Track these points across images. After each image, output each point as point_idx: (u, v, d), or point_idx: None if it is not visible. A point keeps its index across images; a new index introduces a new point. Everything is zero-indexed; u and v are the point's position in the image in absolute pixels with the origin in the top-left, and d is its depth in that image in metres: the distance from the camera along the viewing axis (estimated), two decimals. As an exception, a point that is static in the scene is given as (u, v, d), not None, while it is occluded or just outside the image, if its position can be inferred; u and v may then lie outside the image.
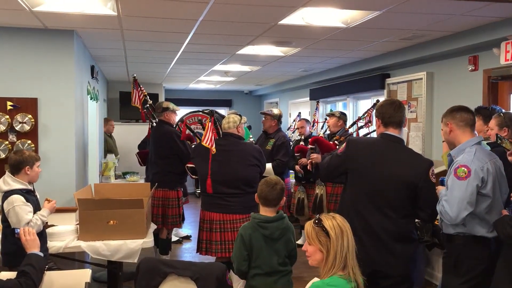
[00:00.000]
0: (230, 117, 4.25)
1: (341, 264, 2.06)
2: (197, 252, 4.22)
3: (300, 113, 7.77)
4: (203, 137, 3.93)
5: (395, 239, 2.82)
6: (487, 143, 3.37)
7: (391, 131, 2.91)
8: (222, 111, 11.19)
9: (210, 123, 3.94)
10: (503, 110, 3.79)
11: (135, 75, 5.76)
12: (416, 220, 3.49)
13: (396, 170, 2.81)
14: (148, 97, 5.70)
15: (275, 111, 5.85)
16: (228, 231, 4.01)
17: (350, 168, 2.97)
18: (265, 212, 2.95)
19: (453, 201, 2.69)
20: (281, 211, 3.01)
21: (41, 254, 2.80)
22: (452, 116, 2.89)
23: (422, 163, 2.85)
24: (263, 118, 5.84)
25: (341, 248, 2.07)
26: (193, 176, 4.82)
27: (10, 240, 3.21)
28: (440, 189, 2.90)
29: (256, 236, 2.88)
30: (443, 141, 3.38)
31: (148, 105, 5.64)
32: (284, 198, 3.04)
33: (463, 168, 2.70)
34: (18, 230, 2.89)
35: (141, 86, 5.68)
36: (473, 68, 4.75)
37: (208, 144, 3.88)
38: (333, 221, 2.12)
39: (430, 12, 3.91)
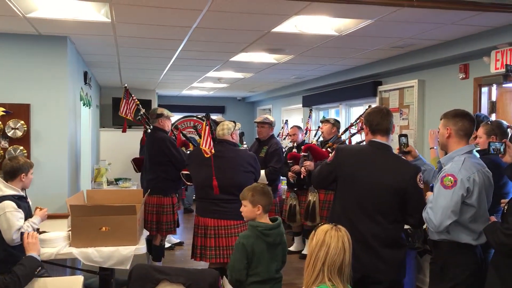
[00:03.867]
0: (224, 124, 4.26)
1: (312, 273, 2.06)
2: (191, 258, 4.22)
3: (287, 120, 7.78)
4: (201, 142, 3.94)
5: (384, 245, 2.84)
6: (476, 151, 3.41)
7: (379, 139, 2.95)
8: (214, 117, 11.20)
9: (207, 127, 3.95)
10: (489, 118, 3.84)
11: (126, 84, 5.76)
12: (408, 227, 3.52)
13: (384, 176, 2.84)
14: (140, 105, 5.71)
15: (270, 118, 5.87)
16: (222, 237, 4.01)
17: (340, 175, 3.00)
18: (265, 219, 2.98)
19: (437, 209, 2.71)
20: (279, 218, 3.05)
21: (38, 257, 2.87)
22: (454, 122, 2.85)
23: (410, 169, 2.88)
24: (260, 128, 5.75)
25: (315, 257, 2.07)
26: (188, 183, 4.82)
27: (0, 246, 3.20)
28: (429, 195, 2.92)
29: (258, 244, 2.89)
30: (430, 148, 3.40)
31: (141, 113, 5.65)
32: None
33: (449, 177, 2.71)
34: (24, 231, 2.94)
35: (133, 95, 5.68)
36: (464, 76, 4.80)
37: (208, 148, 3.89)
38: (325, 231, 2.11)
39: (421, 21, 3.96)
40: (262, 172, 4.94)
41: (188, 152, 5.34)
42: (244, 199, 3.02)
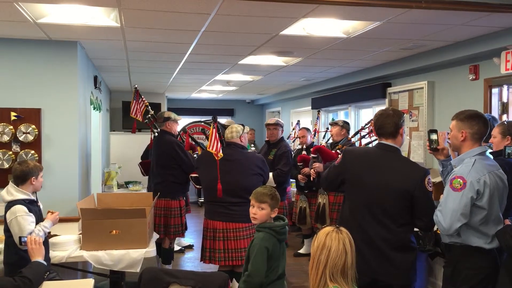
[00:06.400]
0: (233, 127, 4.28)
1: (316, 277, 2.06)
2: (201, 260, 4.23)
3: (299, 121, 7.74)
4: (208, 144, 3.96)
5: (393, 248, 2.82)
6: (490, 152, 3.37)
7: (385, 141, 2.92)
8: (223, 120, 11.23)
9: (214, 130, 3.96)
10: (497, 119, 3.80)
11: (136, 85, 5.79)
12: (418, 229, 3.48)
13: (392, 179, 2.81)
14: (149, 107, 5.74)
15: (281, 120, 5.87)
16: (231, 239, 4.02)
17: (347, 178, 2.99)
18: (271, 220, 3.00)
19: (446, 212, 2.69)
20: (279, 215, 3.07)
21: (44, 262, 2.88)
22: (470, 126, 2.80)
23: (418, 171, 2.83)
24: (272, 130, 5.69)
25: (317, 260, 2.07)
26: (197, 186, 4.82)
27: (12, 250, 3.23)
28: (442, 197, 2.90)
29: (275, 244, 2.91)
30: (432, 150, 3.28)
31: (149, 115, 5.68)
32: None
33: (458, 180, 2.69)
34: (26, 238, 2.97)
35: (142, 96, 5.71)
36: (474, 77, 4.77)
37: (214, 150, 3.90)
38: (326, 233, 2.12)
39: (430, 22, 3.94)
40: (270, 174, 4.94)
41: (195, 155, 5.35)
42: (263, 203, 2.96)
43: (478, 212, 2.70)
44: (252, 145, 8.28)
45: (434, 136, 3.01)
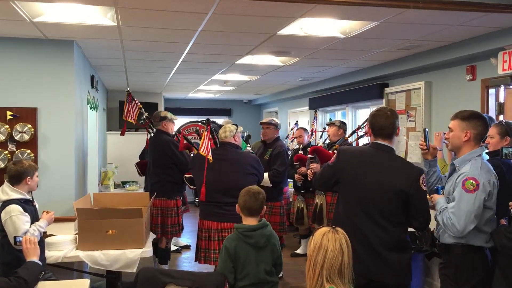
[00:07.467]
0: (226, 127, 4.29)
1: (313, 277, 2.05)
2: (195, 260, 4.22)
3: (297, 121, 7.74)
4: (200, 146, 3.96)
5: (389, 248, 2.81)
6: (486, 153, 3.37)
7: (381, 141, 2.91)
8: (220, 120, 11.22)
9: (206, 132, 3.96)
10: (494, 119, 3.80)
11: (128, 89, 5.80)
12: (414, 229, 3.48)
13: (386, 179, 2.80)
14: (143, 109, 5.73)
15: (276, 120, 5.86)
16: None
17: (341, 178, 2.97)
18: (249, 222, 2.99)
19: (460, 214, 2.67)
20: (264, 219, 3.04)
21: (39, 262, 2.88)
22: (474, 126, 2.82)
23: (412, 171, 2.83)
24: (265, 129, 5.66)
25: (314, 261, 2.06)
26: (191, 187, 4.82)
27: (7, 250, 3.22)
28: (437, 198, 2.89)
29: (241, 247, 2.89)
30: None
31: (144, 116, 5.67)
32: (265, 207, 3.07)
33: (471, 181, 2.68)
34: (20, 238, 2.96)
35: (135, 99, 5.71)
36: (471, 77, 4.77)
37: (205, 153, 3.90)
38: (322, 234, 2.11)
39: (427, 22, 3.94)
40: (266, 174, 4.93)
41: (192, 155, 5.35)
42: None
43: (486, 213, 2.73)
44: (248, 145, 8.27)
45: (428, 134, 3.11)
